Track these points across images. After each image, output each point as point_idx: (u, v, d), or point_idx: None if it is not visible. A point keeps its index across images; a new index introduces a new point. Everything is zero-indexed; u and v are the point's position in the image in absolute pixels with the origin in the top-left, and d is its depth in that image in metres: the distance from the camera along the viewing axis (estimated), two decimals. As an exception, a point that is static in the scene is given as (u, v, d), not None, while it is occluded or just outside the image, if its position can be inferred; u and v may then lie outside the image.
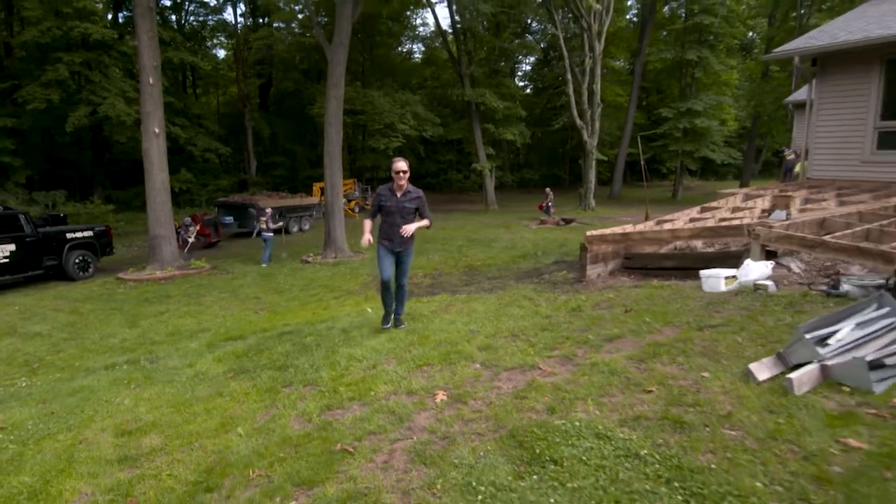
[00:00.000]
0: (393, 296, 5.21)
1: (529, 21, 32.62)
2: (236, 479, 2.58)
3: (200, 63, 25.38)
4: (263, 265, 13.59)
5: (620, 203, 28.85)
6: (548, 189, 23.33)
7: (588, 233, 6.78)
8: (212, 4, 31.04)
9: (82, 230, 12.87)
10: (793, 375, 2.58)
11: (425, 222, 4.97)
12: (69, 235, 12.43)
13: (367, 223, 5.01)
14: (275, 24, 29.53)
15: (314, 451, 2.72)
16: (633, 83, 32.48)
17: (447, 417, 2.88)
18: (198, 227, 16.83)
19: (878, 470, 1.96)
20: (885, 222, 5.62)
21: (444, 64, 34.13)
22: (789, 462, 2.07)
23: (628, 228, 6.76)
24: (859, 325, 2.91)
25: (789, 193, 8.32)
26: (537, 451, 2.35)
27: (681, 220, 6.97)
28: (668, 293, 5.09)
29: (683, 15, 30.93)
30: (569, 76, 25.10)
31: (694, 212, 7.57)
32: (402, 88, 29.42)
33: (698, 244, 6.90)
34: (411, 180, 5.04)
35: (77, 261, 12.48)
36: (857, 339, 2.77)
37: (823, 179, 9.82)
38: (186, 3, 30.18)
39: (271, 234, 13.87)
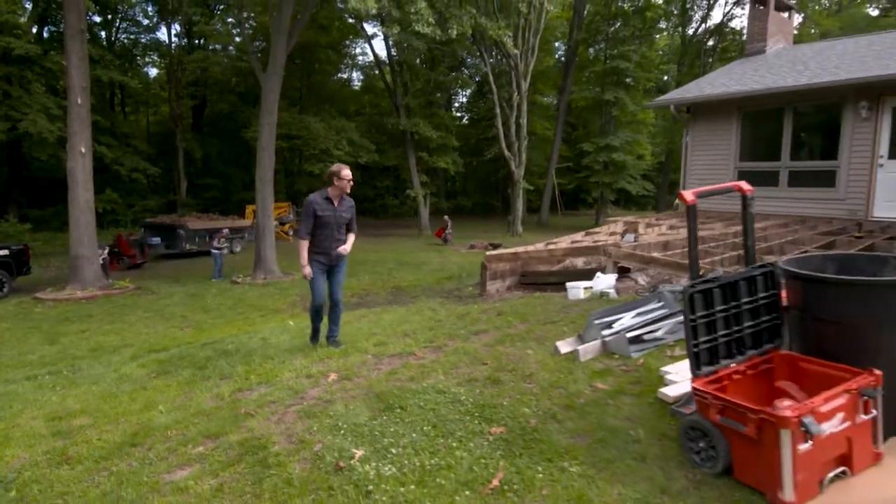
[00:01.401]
0: (323, 318, 4.98)
1: (465, 56, 34.51)
2: (157, 437, 3.24)
3: (131, 82, 25.08)
4: (215, 279, 14.69)
5: (548, 230, 30.65)
6: (446, 217, 24.92)
7: (487, 253, 7.82)
8: (145, 23, 30.77)
9: (-3, 248, 12.62)
10: (580, 348, 3.60)
11: (352, 237, 4.80)
12: (-17, 254, 12.16)
13: (305, 245, 4.63)
14: (210, 47, 29.60)
15: (223, 415, 3.43)
16: (558, 118, 34.97)
17: (333, 389, 3.68)
18: (105, 253, 16.11)
19: (605, 399, 2.97)
20: (712, 244, 7.03)
21: (381, 92, 35.20)
22: (555, 399, 3.05)
23: (520, 249, 7.88)
24: (639, 314, 4.01)
25: (661, 221, 9.82)
26: (391, 402, 3.21)
27: (564, 242, 8.19)
28: (540, 301, 6.15)
29: (605, 57, 33.95)
30: (497, 110, 26.93)
31: (579, 235, 8.84)
32: (341, 115, 30.15)
33: (580, 262, 8.12)
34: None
35: (-9, 280, 12.20)
36: (633, 324, 3.85)
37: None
38: (118, 20, 29.74)
39: (219, 252, 15.05)
